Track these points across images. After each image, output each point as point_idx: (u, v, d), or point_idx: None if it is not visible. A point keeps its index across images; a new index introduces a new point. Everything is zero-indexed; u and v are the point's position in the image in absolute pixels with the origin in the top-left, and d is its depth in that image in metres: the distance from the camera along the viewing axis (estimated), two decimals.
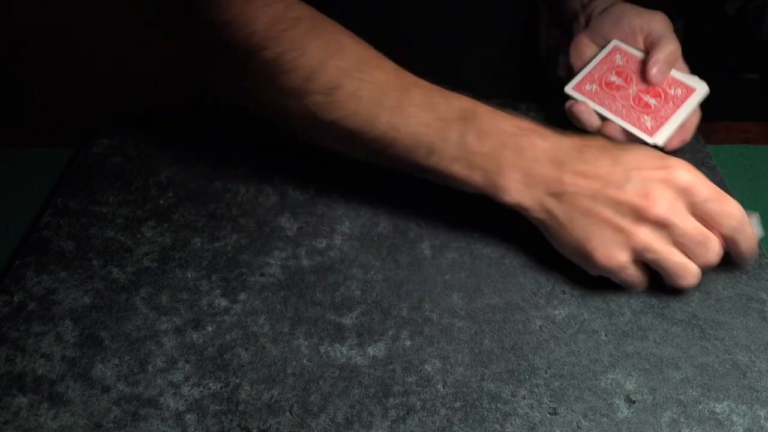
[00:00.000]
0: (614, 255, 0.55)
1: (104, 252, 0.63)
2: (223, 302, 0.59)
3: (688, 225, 0.54)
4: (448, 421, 0.50)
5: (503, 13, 0.89)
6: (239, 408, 0.50)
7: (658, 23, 0.71)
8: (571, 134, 0.58)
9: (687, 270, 0.55)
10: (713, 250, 0.55)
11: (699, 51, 1.98)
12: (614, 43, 0.74)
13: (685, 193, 0.55)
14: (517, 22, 0.93)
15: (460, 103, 0.59)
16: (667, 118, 0.67)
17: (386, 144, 0.60)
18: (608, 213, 0.55)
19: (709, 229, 0.55)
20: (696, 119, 0.70)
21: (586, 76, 0.73)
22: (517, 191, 0.57)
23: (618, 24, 0.73)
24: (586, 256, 0.56)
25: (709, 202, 0.55)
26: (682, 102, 0.68)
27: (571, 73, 0.75)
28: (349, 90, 0.60)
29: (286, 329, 0.56)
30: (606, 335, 0.56)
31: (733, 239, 0.56)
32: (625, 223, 0.54)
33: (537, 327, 0.56)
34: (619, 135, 0.69)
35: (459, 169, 0.58)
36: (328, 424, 0.49)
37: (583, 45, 0.75)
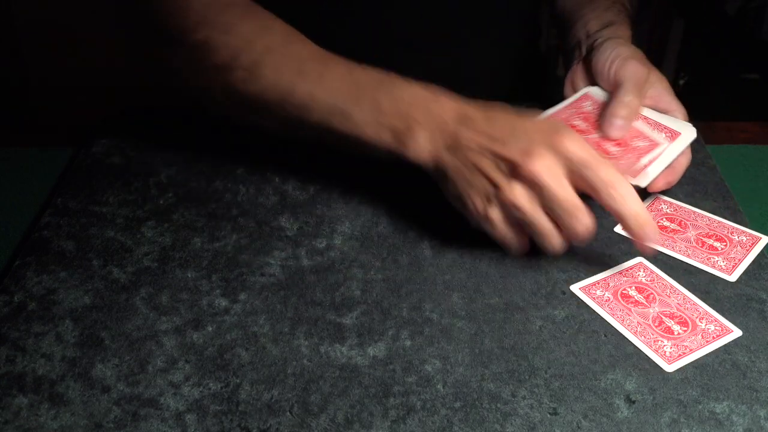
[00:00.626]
0: (485, 207, 0.58)
1: (104, 252, 0.63)
2: (223, 302, 0.59)
3: (560, 191, 0.55)
4: (448, 421, 0.50)
5: (503, 13, 0.89)
6: (239, 408, 0.50)
7: (626, 70, 0.68)
8: (483, 103, 0.61)
9: (551, 236, 0.57)
10: (582, 223, 0.56)
11: (699, 51, 1.99)
12: (585, 90, 0.72)
13: (567, 160, 0.55)
14: (517, 21, 0.93)
15: (376, 73, 0.63)
16: (628, 167, 0.64)
17: (304, 113, 0.64)
18: (488, 165, 0.57)
19: (594, 199, 0.56)
20: (685, 162, 0.67)
21: (552, 115, 0.70)
22: (419, 148, 0.60)
23: (599, 62, 0.71)
24: (463, 205, 0.59)
25: (589, 171, 0.55)
26: (648, 151, 0.65)
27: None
28: (272, 64, 0.64)
29: (286, 329, 0.56)
30: (606, 335, 0.56)
31: (614, 209, 0.56)
32: (500, 177, 0.56)
33: (537, 327, 0.56)
34: None
35: (369, 132, 0.61)
36: (328, 424, 0.49)
37: (578, 77, 0.74)
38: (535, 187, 0.55)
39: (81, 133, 0.80)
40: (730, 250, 0.63)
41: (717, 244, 0.64)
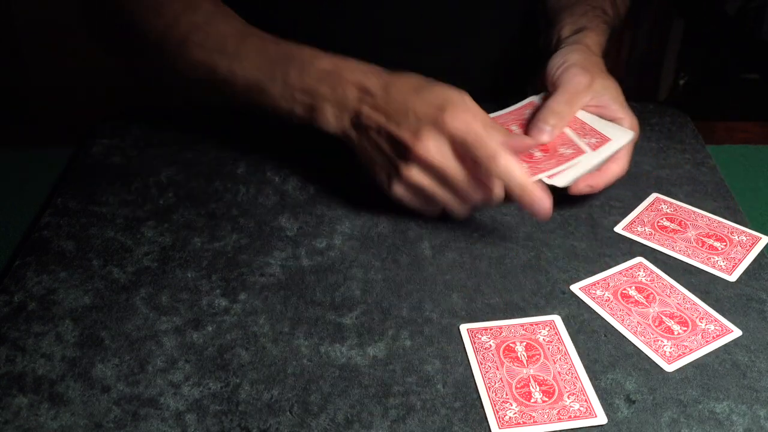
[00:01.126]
0: (391, 185, 0.62)
1: (104, 252, 0.63)
2: (223, 302, 0.59)
3: (449, 170, 0.59)
4: (448, 421, 0.50)
5: (501, 12, 0.89)
6: (239, 408, 0.50)
7: (565, 78, 0.67)
8: (383, 70, 0.63)
9: (453, 207, 0.62)
10: (477, 195, 0.60)
11: (699, 51, 1.99)
12: (530, 99, 0.71)
13: (452, 138, 0.58)
14: (515, 21, 0.93)
15: (288, 47, 0.66)
16: (541, 171, 0.63)
17: (227, 88, 0.68)
18: (387, 147, 0.61)
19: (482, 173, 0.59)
20: (617, 170, 0.66)
21: (495, 119, 0.69)
22: (331, 122, 0.64)
23: (547, 69, 0.70)
24: (371, 177, 0.64)
25: (473, 147, 0.58)
26: (570, 159, 0.64)
27: None
28: (196, 42, 0.68)
29: (286, 329, 0.56)
30: (606, 335, 0.56)
31: (501, 179, 0.58)
32: (397, 158, 0.60)
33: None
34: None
35: (284, 105, 0.65)
36: (328, 424, 0.49)
37: (541, 82, 0.73)
38: (426, 167, 0.59)
39: (81, 133, 0.80)
40: (730, 250, 0.63)
41: (717, 244, 0.64)
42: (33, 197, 0.73)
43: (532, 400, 0.51)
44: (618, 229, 0.66)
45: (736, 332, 0.55)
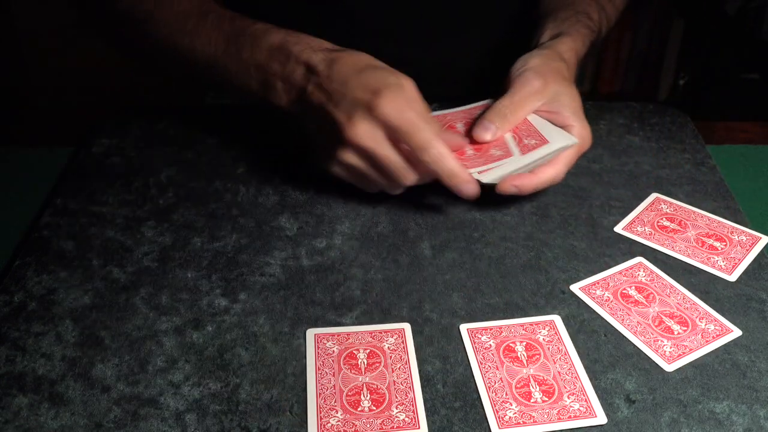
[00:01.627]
0: (329, 164, 0.64)
1: (104, 252, 0.63)
2: (223, 302, 0.59)
3: (381, 153, 0.60)
4: (448, 421, 0.50)
5: (502, 12, 0.89)
6: (239, 408, 0.50)
7: (518, 81, 0.67)
8: (332, 46, 0.64)
9: (388, 186, 0.64)
10: (408, 178, 0.62)
11: (699, 51, 1.99)
12: (487, 101, 0.70)
13: (383, 124, 0.59)
14: (510, 20, 0.93)
15: (242, 24, 0.67)
16: (478, 165, 0.63)
17: (191, 63, 0.70)
18: (324, 127, 0.62)
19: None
20: (551, 173, 0.64)
21: (439, 116, 0.69)
22: (282, 98, 0.65)
23: (510, 70, 0.69)
24: (314, 153, 0.65)
25: (404, 135, 0.59)
26: (497, 159, 0.63)
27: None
28: (159, 19, 0.70)
29: (286, 329, 0.56)
30: (606, 335, 0.56)
31: (428, 169, 0.60)
32: (335, 138, 0.62)
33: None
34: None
35: (240, 81, 0.67)
36: None
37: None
38: (359, 151, 0.61)
39: (81, 133, 0.80)
40: (730, 250, 0.63)
41: (717, 244, 0.64)
42: (33, 197, 0.73)
43: (532, 400, 0.50)
44: (618, 228, 0.66)
45: (736, 332, 0.55)
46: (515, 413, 0.50)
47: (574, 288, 0.59)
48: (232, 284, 0.60)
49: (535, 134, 0.65)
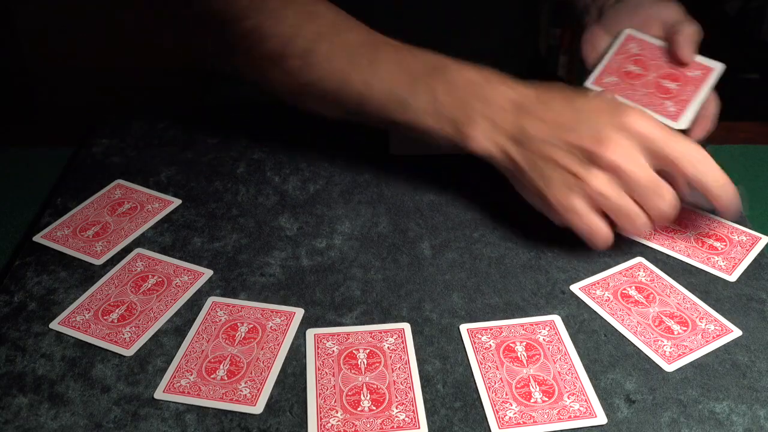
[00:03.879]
0: (569, 199, 0.56)
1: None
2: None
3: (640, 172, 0.55)
4: (448, 421, 0.50)
5: (503, 13, 0.89)
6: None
7: (672, 10, 0.70)
8: (536, 84, 0.59)
9: (637, 218, 0.56)
10: (666, 199, 0.56)
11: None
12: (627, 32, 0.72)
13: (640, 140, 0.55)
14: (517, 21, 0.93)
15: (428, 58, 0.61)
16: (688, 101, 0.66)
17: (361, 102, 0.62)
18: (563, 157, 0.55)
19: (673, 175, 0.55)
20: (714, 108, 0.68)
21: (604, 69, 0.71)
22: (483, 139, 0.58)
23: (634, 13, 0.71)
24: (544, 200, 0.58)
25: (666, 146, 0.55)
26: (701, 82, 0.67)
27: (582, 66, 0.73)
28: (323, 52, 0.62)
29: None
30: (606, 335, 0.56)
31: (696, 178, 0.55)
32: (579, 167, 0.55)
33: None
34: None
35: (430, 122, 0.60)
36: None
37: (597, 37, 0.74)
38: (615, 173, 0.55)
39: (81, 133, 0.80)
40: (730, 250, 0.63)
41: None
42: (33, 197, 0.73)
43: (532, 400, 0.50)
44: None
45: (736, 332, 0.55)
46: (515, 413, 0.50)
47: (574, 288, 0.59)
48: (232, 284, 0.60)
49: (697, 65, 0.68)
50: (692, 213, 0.67)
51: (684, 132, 0.65)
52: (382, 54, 0.62)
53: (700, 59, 0.69)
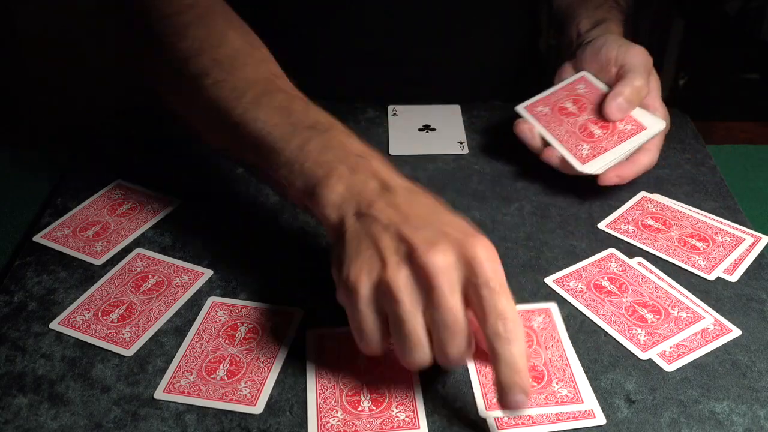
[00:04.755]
0: (357, 278, 0.48)
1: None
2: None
3: (449, 298, 0.46)
4: (448, 421, 0.50)
5: (504, 13, 0.89)
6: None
7: (633, 57, 0.69)
8: (414, 183, 0.54)
9: (417, 345, 0.47)
10: (457, 344, 0.47)
11: (699, 51, 1.99)
12: (583, 73, 0.73)
13: (469, 268, 0.47)
14: (515, 21, 0.93)
15: (319, 115, 0.57)
16: (605, 150, 0.66)
17: (237, 136, 0.58)
18: (386, 243, 0.48)
19: (479, 325, 0.47)
20: (647, 161, 0.68)
21: (542, 99, 0.72)
22: (330, 201, 0.52)
23: (597, 54, 0.72)
24: (340, 271, 0.50)
25: (486, 289, 0.46)
26: (628, 137, 0.67)
27: None
28: (215, 80, 0.60)
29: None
30: (606, 335, 0.56)
31: (492, 345, 0.46)
32: (392, 256, 0.48)
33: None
34: (555, 161, 0.68)
35: (285, 173, 0.55)
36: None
37: (566, 73, 0.75)
38: (424, 281, 0.47)
39: (81, 133, 0.80)
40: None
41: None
42: (33, 197, 0.73)
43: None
44: (520, 108, 0.67)
45: (736, 332, 0.56)
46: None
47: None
48: (232, 284, 0.60)
49: (629, 119, 0.68)
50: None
51: (594, 177, 0.66)
52: (273, 98, 0.59)
53: (640, 115, 0.68)
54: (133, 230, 0.65)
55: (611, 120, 0.68)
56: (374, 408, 0.50)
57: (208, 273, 0.60)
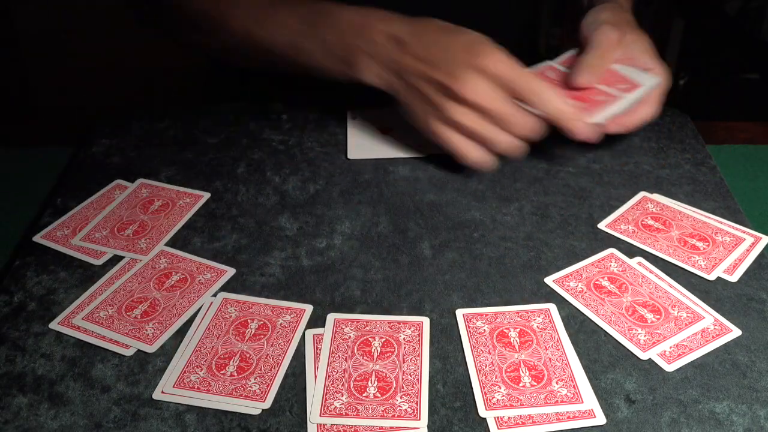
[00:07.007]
0: (430, 125, 0.65)
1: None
2: None
3: (494, 104, 0.62)
4: (448, 421, 0.50)
5: (504, 13, 0.89)
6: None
7: (598, 35, 0.71)
8: (415, 18, 0.66)
9: (496, 138, 0.64)
10: (521, 125, 0.63)
11: (699, 51, 1.99)
12: (572, 51, 0.75)
13: (494, 78, 0.61)
14: (517, 22, 0.93)
15: (315, 5, 0.69)
16: (603, 106, 0.68)
17: (266, 50, 0.71)
18: (427, 88, 0.63)
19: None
20: (647, 110, 0.70)
21: (537, 69, 0.74)
22: (369, 73, 0.66)
23: (580, 28, 0.74)
24: (417, 125, 0.66)
25: (511, 82, 0.61)
26: (624, 93, 0.68)
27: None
28: (234, 14, 0.72)
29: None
30: (606, 335, 0.56)
31: (542, 110, 0.62)
32: (440, 99, 0.63)
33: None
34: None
35: (325, 63, 0.68)
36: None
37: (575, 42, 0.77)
38: (472, 106, 0.62)
39: (81, 133, 0.80)
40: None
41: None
42: (33, 197, 0.73)
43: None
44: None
45: (736, 332, 0.56)
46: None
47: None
48: (231, 284, 0.60)
49: (624, 80, 0.70)
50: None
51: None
52: (278, 9, 0.70)
53: (631, 74, 0.70)
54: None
55: (581, 85, 0.69)
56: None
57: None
